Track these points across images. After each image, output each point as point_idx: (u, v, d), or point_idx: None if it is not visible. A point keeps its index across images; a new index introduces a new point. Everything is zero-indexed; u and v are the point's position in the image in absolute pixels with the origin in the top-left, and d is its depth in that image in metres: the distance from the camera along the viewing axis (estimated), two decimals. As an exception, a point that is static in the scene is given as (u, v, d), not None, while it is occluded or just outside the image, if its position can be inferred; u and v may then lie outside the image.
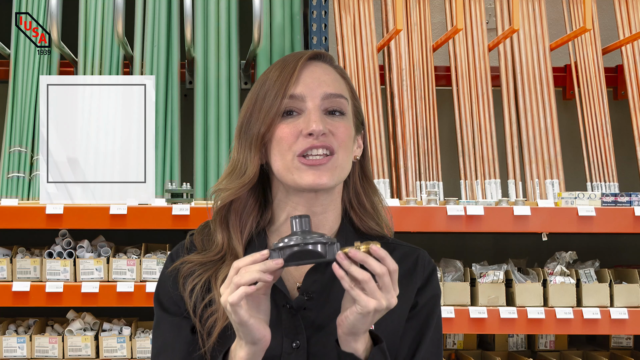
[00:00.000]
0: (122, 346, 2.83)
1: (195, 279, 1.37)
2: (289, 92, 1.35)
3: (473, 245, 3.53)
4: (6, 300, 2.74)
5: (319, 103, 1.35)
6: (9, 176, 3.00)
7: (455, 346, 3.25)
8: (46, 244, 2.93)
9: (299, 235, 1.20)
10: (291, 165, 1.34)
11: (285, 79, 1.35)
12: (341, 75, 1.42)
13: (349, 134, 1.37)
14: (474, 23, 3.34)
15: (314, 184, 1.33)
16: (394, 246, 1.46)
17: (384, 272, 1.19)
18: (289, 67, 1.37)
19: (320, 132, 1.32)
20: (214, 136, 3.10)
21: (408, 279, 1.41)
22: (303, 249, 1.19)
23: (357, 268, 1.19)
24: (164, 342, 1.39)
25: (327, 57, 1.43)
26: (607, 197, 2.85)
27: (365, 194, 1.45)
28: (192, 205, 2.74)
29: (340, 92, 1.38)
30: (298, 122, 1.35)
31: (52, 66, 3.16)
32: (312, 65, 1.39)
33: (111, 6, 3.16)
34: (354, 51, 3.23)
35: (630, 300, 2.86)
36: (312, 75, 1.37)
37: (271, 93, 1.36)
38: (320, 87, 1.36)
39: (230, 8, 3.24)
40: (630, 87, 3.34)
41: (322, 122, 1.33)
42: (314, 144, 1.33)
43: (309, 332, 1.33)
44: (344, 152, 1.36)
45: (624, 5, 3.44)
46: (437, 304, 1.44)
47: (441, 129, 3.33)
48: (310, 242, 1.19)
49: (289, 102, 1.35)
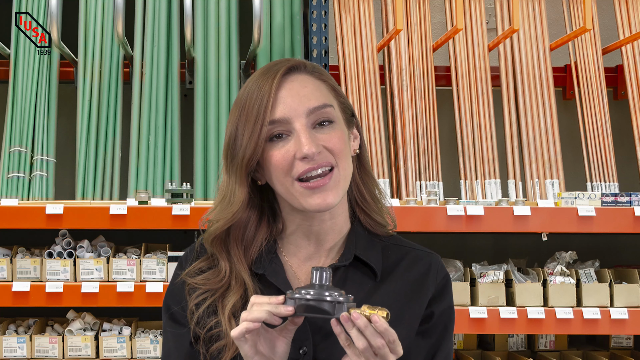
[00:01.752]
0: (122, 346, 2.83)
1: (200, 297, 1.37)
2: (269, 117, 1.30)
3: (473, 245, 3.53)
4: (6, 300, 2.74)
5: (305, 121, 1.31)
6: (9, 176, 3.00)
7: (455, 346, 3.25)
8: (46, 244, 2.93)
9: (317, 289, 1.22)
10: (293, 191, 1.32)
11: (263, 103, 1.30)
12: (320, 79, 1.37)
13: (343, 140, 1.34)
14: (474, 23, 3.34)
15: (322, 206, 1.31)
16: (407, 250, 1.44)
17: (379, 346, 1.19)
18: (266, 87, 1.31)
19: (314, 154, 1.29)
20: (214, 136, 3.10)
21: (420, 285, 1.39)
22: (314, 305, 1.22)
23: (357, 335, 1.19)
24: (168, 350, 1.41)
25: (301, 66, 1.36)
26: (607, 197, 2.85)
27: (364, 182, 1.43)
28: (192, 205, 2.74)
29: (324, 102, 1.33)
30: (289, 146, 1.31)
31: (52, 66, 3.16)
32: (289, 81, 1.33)
33: (111, 6, 3.16)
34: (354, 51, 3.23)
35: (630, 300, 2.86)
36: (291, 93, 1.32)
37: (250, 119, 1.31)
38: (302, 105, 1.31)
39: (230, 8, 3.24)
40: (630, 87, 3.34)
41: (313, 142, 1.29)
42: (310, 166, 1.30)
43: (316, 339, 1.33)
44: (344, 161, 1.33)
45: (624, 5, 3.44)
46: (451, 317, 1.42)
47: (441, 129, 3.33)
48: (323, 299, 1.21)
49: (274, 127, 1.31)
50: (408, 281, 1.39)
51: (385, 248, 1.42)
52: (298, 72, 1.36)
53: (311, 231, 1.38)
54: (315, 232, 1.38)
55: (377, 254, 1.40)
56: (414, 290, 1.38)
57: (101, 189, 3.05)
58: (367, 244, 1.41)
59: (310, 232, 1.38)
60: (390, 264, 1.41)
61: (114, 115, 3.12)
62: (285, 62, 1.36)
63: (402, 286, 1.38)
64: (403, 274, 1.40)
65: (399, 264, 1.41)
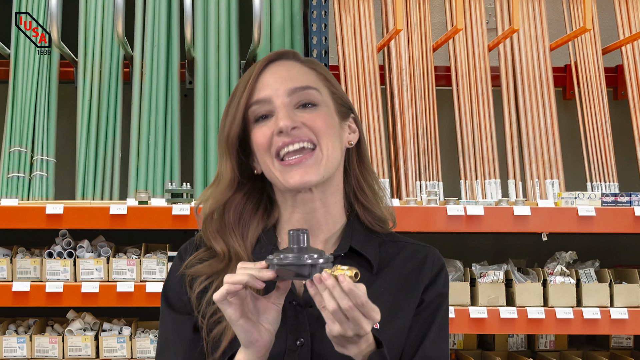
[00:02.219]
0: (122, 346, 2.83)
1: (202, 284, 1.37)
2: (254, 97, 1.36)
3: (473, 245, 3.53)
4: (6, 300, 2.74)
5: (286, 100, 1.35)
6: (9, 176, 3.00)
7: (455, 346, 3.25)
8: (46, 244, 2.93)
9: (295, 252, 1.21)
10: (274, 169, 1.35)
11: (245, 84, 1.36)
12: (309, 67, 1.41)
13: (327, 122, 1.36)
14: (474, 23, 3.34)
15: (302, 183, 1.33)
16: (404, 244, 1.44)
17: (346, 308, 1.17)
18: (249, 72, 1.38)
19: (289, 128, 1.32)
20: (214, 136, 3.10)
21: (416, 276, 1.40)
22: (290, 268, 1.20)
23: (327, 297, 1.17)
24: (167, 339, 1.39)
25: (289, 54, 1.42)
26: (607, 197, 2.85)
27: (364, 178, 1.44)
28: (192, 205, 2.74)
29: (306, 84, 1.37)
30: (270, 123, 1.35)
31: (52, 66, 3.16)
32: (274, 66, 1.39)
33: (111, 6, 3.16)
34: (354, 51, 3.23)
35: (630, 300, 2.86)
36: (274, 76, 1.37)
37: (234, 102, 1.37)
38: (283, 84, 1.36)
39: (230, 8, 3.24)
40: (630, 87, 3.34)
41: (289, 117, 1.33)
42: (285, 141, 1.32)
43: (313, 329, 1.33)
44: (327, 141, 1.35)
45: (624, 5, 3.44)
46: (443, 302, 1.42)
47: (441, 129, 3.33)
48: (298, 262, 1.20)
49: (258, 108, 1.36)
50: (404, 273, 1.40)
51: (382, 244, 1.43)
52: (286, 59, 1.41)
53: (304, 220, 1.39)
54: (308, 221, 1.39)
55: (373, 248, 1.41)
56: (409, 282, 1.38)
57: (101, 189, 3.06)
58: (364, 238, 1.41)
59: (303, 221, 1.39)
60: (387, 257, 1.41)
61: (114, 115, 3.12)
62: (275, 52, 1.43)
63: (398, 278, 1.39)
64: (399, 267, 1.40)
65: (396, 257, 1.42)
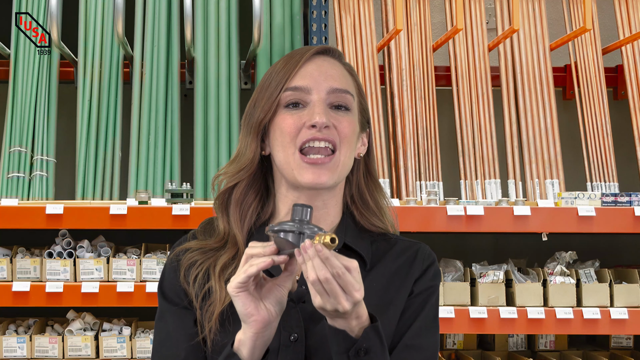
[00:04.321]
0: (122, 346, 2.83)
1: (197, 269, 1.38)
2: (292, 82, 1.35)
3: (473, 245, 3.53)
4: (6, 300, 2.74)
5: (324, 96, 1.35)
6: (9, 176, 3.00)
7: (455, 346, 3.25)
8: (46, 244, 2.93)
9: (296, 221, 1.20)
10: (292, 160, 1.34)
11: (289, 70, 1.36)
12: (349, 72, 1.42)
13: (352, 130, 1.37)
14: (474, 23, 3.34)
15: (314, 183, 1.33)
16: (395, 240, 1.45)
17: (323, 280, 1.15)
18: (295, 58, 1.37)
19: (323, 125, 1.33)
20: (214, 136, 3.10)
21: (406, 271, 1.40)
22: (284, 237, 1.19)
23: (308, 267, 1.16)
24: (167, 332, 1.39)
25: (336, 52, 1.42)
26: (607, 197, 2.85)
27: (370, 192, 1.45)
28: (192, 205, 2.74)
29: (347, 88, 1.38)
30: (302, 114, 1.35)
31: (52, 66, 3.16)
32: (320, 59, 1.39)
33: (111, 6, 3.16)
34: (354, 51, 3.23)
35: (630, 300, 2.86)
36: (319, 69, 1.37)
37: (273, 83, 1.36)
38: (326, 81, 1.36)
39: (230, 8, 3.24)
40: (630, 87, 3.34)
41: (325, 114, 1.33)
42: (316, 135, 1.33)
43: (306, 325, 1.33)
44: (346, 149, 1.36)
45: (624, 5, 3.44)
46: (433, 293, 1.41)
47: (441, 129, 3.33)
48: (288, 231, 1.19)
49: (294, 94, 1.35)
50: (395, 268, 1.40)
51: (374, 241, 1.44)
52: (332, 56, 1.41)
53: None
54: None
55: (366, 244, 1.42)
56: (400, 277, 1.39)
57: (101, 189, 3.05)
58: (357, 235, 1.42)
59: None
60: (379, 253, 1.42)
61: (114, 115, 3.12)
62: (323, 45, 1.42)
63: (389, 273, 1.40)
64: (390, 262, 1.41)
65: (387, 253, 1.42)
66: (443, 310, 2.75)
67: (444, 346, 3.24)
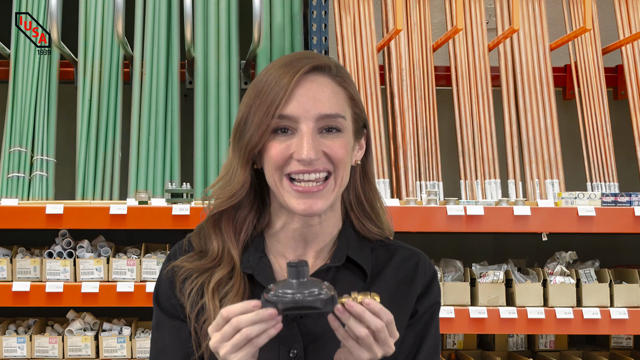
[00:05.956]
0: (122, 346, 2.83)
1: (192, 284, 1.36)
2: (281, 110, 1.29)
3: (473, 245, 3.53)
4: (6, 300, 2.74)
5: (312, 125, 1.29)
6: (9, 176, 3.00)
7: (455, 346, 3.25)
8: (46, 244, 2.93)
9: (295, 285, 1.17)
10: (280, 186, 1.32)
11: (277, 95, 1.29)
12: (340, 86, 1.35)
13: (346, 151, 1.33)
14: (474, 23, 3.34)
15: (307, 212, 1.31)
16: (395, 249, 1.44)
17: (379, 328, 1.18)
18: (285, 79, 1.30)
19: (311, 161, 1.29)
20: (214, 136, 3.10)
21: (407, 284, 1.40)
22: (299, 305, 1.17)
23: (355, 324, 1.18)
24: (164, 345, 1.39)
25: (325, 67, 1.34)
26: (607, 197, 2.85)
27: (365, 195, 1.42)
28: (192, 205, 2.74)
29: (337, 111, 1.31)
30: (290, 143, 1.30)
31: (52, 66, 3.16)
32: (309, 80, 1.31)
33: (111, 6, 3.16)
34: (354, 51, 3.23)
35: (630, 300, 2.86)
36: (308, 94, 1.30)
37: (262, 108, 1.30)
38: (315, 108, 1.30)
39: (230, 8, 3.24)
40: (630, 87, 3.34)
41: (314, 148, 1.28)
42: (305, 169, 1.29)
43: (305, 341, 1.32)
44: (341, 171, 1.32)
45: (624, 5, 3.44)
46: (436, 311, 1.42)
47: (441, 129, 3.33)
48: (307, 297, 1.16)
49: (281, 121, 1.30)
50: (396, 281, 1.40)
51: (374, 249, 1.43)
52: (321, 74, 1.33)
53: (298, 233, 1.38)
54: (304, 234, 1.38)
55: (367, 255, 1.40)
56: (402, 290, 1.38)
57: (101, 189, 3.06)
58: (358, 245, 1.41)
59: (296, 233, 1.38)
60: (379, 264, 1.41)
61: (114, 115, 3.12)
62: (311, 60, 1.33)
63: (391, 286, 1.39)
64: (392, 274, 1.40)
65: (388, 264, 1.41)
66: (443, 310, 2.75)
67: (444, 346, 3.24)
